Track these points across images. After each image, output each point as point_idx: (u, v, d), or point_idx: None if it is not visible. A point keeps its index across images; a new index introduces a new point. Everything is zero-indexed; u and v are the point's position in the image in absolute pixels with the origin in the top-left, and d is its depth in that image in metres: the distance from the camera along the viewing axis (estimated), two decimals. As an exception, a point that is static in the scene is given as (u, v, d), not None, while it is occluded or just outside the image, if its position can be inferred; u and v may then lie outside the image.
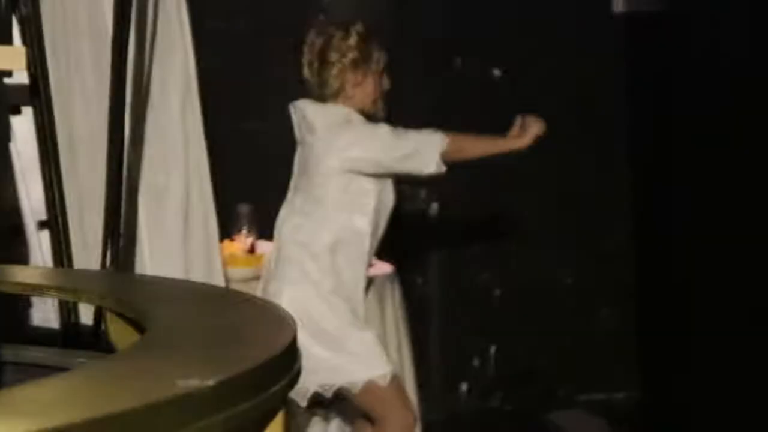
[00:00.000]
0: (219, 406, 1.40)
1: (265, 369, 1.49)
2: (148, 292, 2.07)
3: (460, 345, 6.03)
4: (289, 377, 1.58)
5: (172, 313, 1.83)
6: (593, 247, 6.12)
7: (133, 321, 1.92)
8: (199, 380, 1.39)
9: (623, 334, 6.09)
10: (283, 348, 1.57)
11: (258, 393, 1.47)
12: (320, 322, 3.65)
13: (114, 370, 1.51)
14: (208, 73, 5.84)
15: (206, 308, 1.90)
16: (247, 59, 5.56)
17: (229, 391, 1.42)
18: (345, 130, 3.66)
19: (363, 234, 3.72)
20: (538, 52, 6.00)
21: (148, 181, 3.30)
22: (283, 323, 1.74)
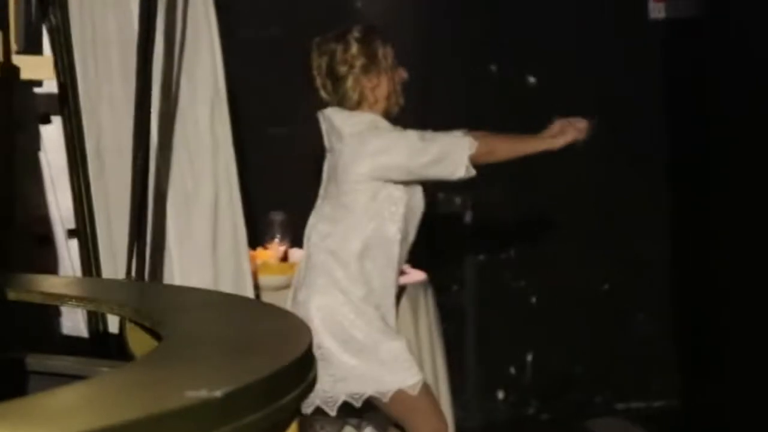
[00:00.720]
0: (227, 417, 1.39)
1: (275, 380, 1.48)
2: (166, 301, 2.07)
3: (496, 353, 5.99)
4: (301, 388, 1.57)
5: (188, 323, 1.83)
6: (630, 253, 6.07)
7: (151, 330, 1.92)
8: (207, 391, 1.38)
9: (661, 341, 6.04)
10: (295, 359, 1.56)
11: (268, 404, 1.46)
12: (350, 330, 3.63)
13: (125, 380, 1.51)
14: (240, 81, 5.88)
15: (223, 318, 1.89)
16: (279, 66, 5.57)
17: (238, 401, 1.41)
18: (373, 137, 3.64)
19: (392, 241, 3.70)
20: (575, 58, 5.97)
21: (177, 189, 3.30)
22: (299, 333, 1.73)
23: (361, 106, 3.75)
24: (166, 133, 3.27)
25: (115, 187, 3.07)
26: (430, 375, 4.50)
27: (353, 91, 3.73)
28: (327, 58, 3.76)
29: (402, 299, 4.46)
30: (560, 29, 5.98)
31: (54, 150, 3.16)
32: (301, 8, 5.71)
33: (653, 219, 6.05)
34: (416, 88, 5.94)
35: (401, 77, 3.85)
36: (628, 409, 5.98)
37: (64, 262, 3.18)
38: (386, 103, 3.79)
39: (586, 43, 5.98)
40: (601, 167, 6.00)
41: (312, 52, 3.80)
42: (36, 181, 3.17)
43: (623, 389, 6.03)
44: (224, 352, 1.64)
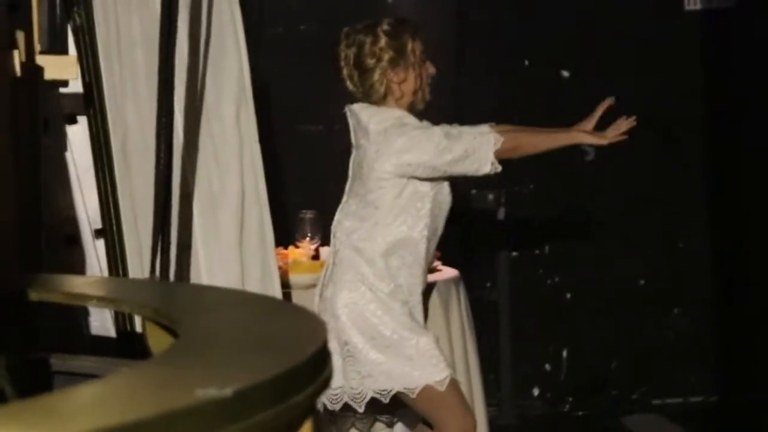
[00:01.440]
0: (237, 416, 1.38)
1: (286, 378, 1.47)
2: (186, 301, 2.06)
3: (531, 349, 5.96)
4: (314, 386, 1.55)
5: (204, 322, 1.82)
6: (666, 247, 6.02)
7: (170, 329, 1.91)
8: (217, 389, 1.37)
9: (698, 336, 5.98)
10: (307, 357, 1.54)
11: (279, 402, 1.45)
12: (377, 327, 3.62)
13: (137, 379, 1.50)
14: (273, 78, 5.88)
15: (240, 317, 1.89)
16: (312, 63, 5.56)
17: (248, 400, 1.40)
18: (399, 134, 3.61)
19: (419, 238, 3.68)
20: (609, 51, 5.92)
21: (203, 188, 3.30)
22: (314, 331, 1.71)
23: (387, 100, 3.72)
24: (192, 132, 3.27)
25: (141, 187, 3.07)
26: (462, 372, 4.48)
27: (380, 85, 3.71)
28: (355, 49, 3.74)
29: (433, 296, 4.45)
30: (594, 22, 5.94)
31: (80, 150, 3.16)
32: (333, 4, 5.70)
33: (690, 213, 5.99)
34: (448, 83, 5.94)
35: (429, 72, 3.82)
36: (664, 405, 5.93)
37: (91, 262, 3.18)
38: (413, 98, 3.76)
39: (621, 35, 5.93)
40: (637, 161, 5.95)
41: (340, 42, 3.78)
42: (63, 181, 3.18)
43: (660, 385, 5.98)
44: (237, 351, 1.63)
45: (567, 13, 5.94)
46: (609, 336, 5.95)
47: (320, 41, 5.55)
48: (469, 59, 5.94)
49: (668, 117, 5.98)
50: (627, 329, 5.96)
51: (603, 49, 5.92)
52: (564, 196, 5.92)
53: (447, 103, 5.89)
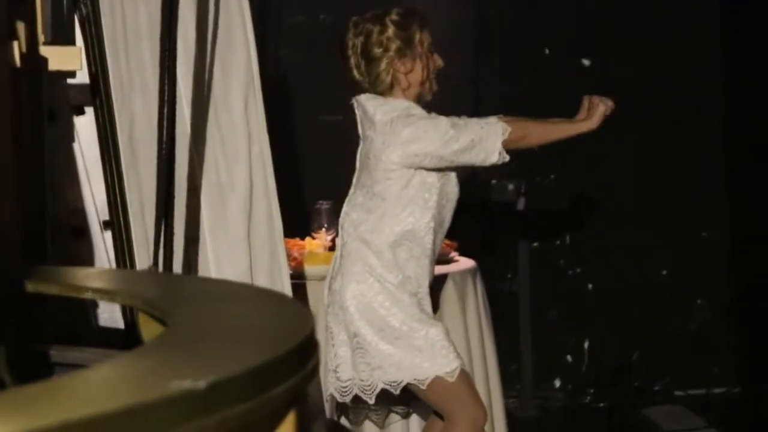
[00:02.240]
0: (211, 408, 1.36)
1: (264, 370, 1.45)
2: (179, 292, 2.05)
3: (552, 340, 5.94)
4: (296, 378, 1.53)
5: (193, 314, 1.80)
6: (688, 238, 5.98)
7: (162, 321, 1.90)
8: (191, 381, 1.35)
9: (720, 327, 5.94)
10: (289, 349, 1.52)
11: (257, 395, 1.43)
12: (386, 318, 3.60)
13: (114, 371, 1.49)
14: (292, 68, 5.88)
15: (231, 309, 1.87)
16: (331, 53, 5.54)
17: (223, 392, 1.38)
18: (405, 125, 3.59)
19: (426, 229, 3.65)
20: (629, 39, 5.88)
21: (211, 180, 3.29)
22: (299, 323, 1.69)
23: (393, 90, 3.70)
24: (199, 123, 3.26)
25: (148, 178, 3.06)
26: (479, 363, 4.46)
27: (386, 74, 3.69)
28: (363, 37, 3.72)
29: (449, 287, 4.43)
30: (614, 10, 5.90)
31: (88, 141, 3.15)
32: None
33: (712, 204, 5.95)
34: (468, 73, 5.92)
35: (437, 65, 3.80)
36: (687, 396, 5.90)
37: (100, 254, 3.17)
38: (420, 88, 3.74)
39: (641, 23, 5.89)
40: (659, 151, 5.91)
41: (348, 31, 3.76)
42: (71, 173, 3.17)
43: (682, 376, 5.95)
44: (221, 343, 1.61)
45: (587, 1, 5.90)
46: (631, 327, 5.91)
47: (339, 31, 5.52)
48: (489, 49, 5.91)
49: (690, 106, 5.94)
50: (649, 320, 5.93)
51: (623, 37, 5.88)
52: (585, 187, 5.88)
53: (467, 93, 5.88)
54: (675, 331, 5.96)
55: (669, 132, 5.90)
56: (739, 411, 5.74)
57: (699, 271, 5.94)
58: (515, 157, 5.75)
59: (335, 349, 3.70)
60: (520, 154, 5.71)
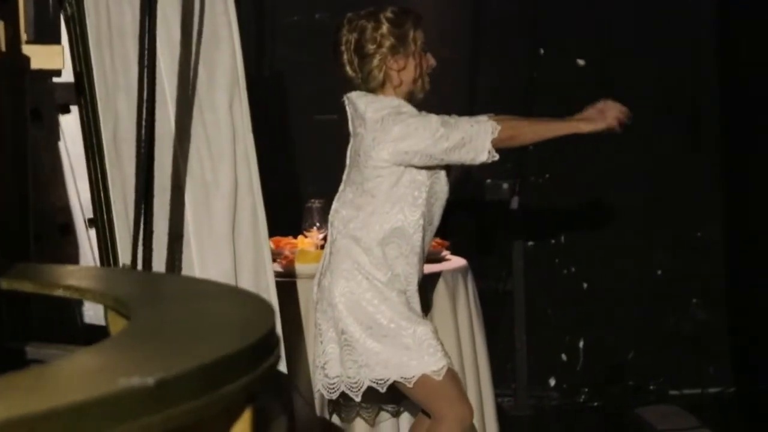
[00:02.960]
0: (160, 405, 1.38)
1: (215, 367, 1.46)
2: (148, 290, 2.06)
3: (547, 339, 5.95)
4: (252, 376, 1.55)
5: (157, 311, 1.82)
6: (684, 238, 5.98)
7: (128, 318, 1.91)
8: (140, 378, 1.37)
9: (715, 327, 5.95)
10: (242, 347, 1.53)
11: (208, 392, 1.44)
12: (374, 316, 3.61)
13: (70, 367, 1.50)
14: (288, 67, 5.89)
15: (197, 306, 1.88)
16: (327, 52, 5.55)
17: (173, 389, 1.39)
18: (395, 122, 3.61)
19: (415, 226, 3.67)
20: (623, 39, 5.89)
21: (195, 178, 3.30)
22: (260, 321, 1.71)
23: (385, 88, 3.72)
24: (184, 121, 3.27)
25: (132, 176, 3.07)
26: (470, 361, 4.47)
27: (378, 71, 3.71)
28: (356, 34, 3.74)
29: (440, 285, 4.44)
30: (610, 10, 5.90)
31: (73, 139, 3.17)
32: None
33: (707, 204, 5.95)
34: (464, 71, 5.93)
35: (430, 64, 3.81)
36: (681, 396, 5.91)
37: (85, 251, 3.20)
38: (412, 86, 3.75)
39: (637, 23, 5.89)
40: (654, 151, 5.92)
41: (342, 27, 3.78)
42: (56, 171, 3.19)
43: (677, 376, 5.95)
44: (178, 340, 1.63)
45: (582, 1, 5.90)
46: (626, 326, 5.92)
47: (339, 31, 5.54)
48: (485, 48, 5.92)
49: (685, 106, 5.94)
50: (644, 319, 5.93)
51: (619, 37, 5.88)
52: (579, 186, 5.89)
53: (462, 92, 5.89)
54: (670, 331, 5.96)
55: (664, 132, 5.91)
56: (733, 411, 5.74)
57: (694, 271, 5.94)
58: (510, 157, 5.81)
59: (323, 346, 3.72)
60: (515, 154, 5.77)
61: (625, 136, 4.89)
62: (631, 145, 5.75)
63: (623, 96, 3.80)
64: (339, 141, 5.58)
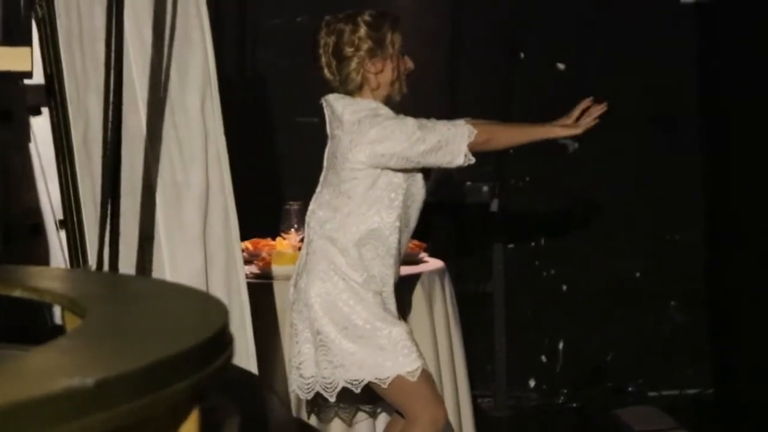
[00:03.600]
0: (100, 406, 1.38)
1: (157, 368, 1.47)
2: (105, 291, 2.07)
3: (527, 341, 5.97)
4: (198, 376, 1.55)
5: (110, 312, 1.83)
6: (662, 241, 6.01)
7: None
8: (80, 378, 1.38)
9: (693, 329, 5.97)
10: (190, 346, 1.54)
11: (151, 392, 1.45)
12: (349, 316, 3.63)
13: (13, 367, 1.51)
14: (270, 70, 5.90)
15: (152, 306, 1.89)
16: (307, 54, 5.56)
17: (113, 390, 1.40)
18: (372, 125, 3.63)
19: (391, 228, 3.69)
20: (604, 44, 5.90)
21: (166, 179, 3.31)
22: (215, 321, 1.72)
23: (363, 90, 3.74)
24: (155, 123, 3.28)
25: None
26: (446, 363, 4.49)
27: (356, 74, 3.73)
28: (335, 37, 3.76)
29: (417, 287, 4.46)
30: (590, 14, 5.92)
31: (44, 142, 3.18)
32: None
33: (686, 206, 5.97)
34: (444, 75, 5.95)
35: (407, 67, 3.84)
36: (660, 397, 5.93)
37: (55, 252, 3.21)
38: (389, 89, 3.78)
39: (617, 28, 5.91)
40: (633, 154, 5.94)
41: (320, 30, 3.80)
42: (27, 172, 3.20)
43: (655, 378, 5.98)
44: (125, 340, 1.63)
45: (562, 5, 5.92)
46: (605, 328, 5.94)
47: (312, 30, 5.55)
48: (465, 52, 5.94)
49: (663, 109, 5.97)
50: (623, 321, 5.96)
51: (599, 41, 5.91)
52: (559, 189, 5.91)
53: (443, 96, 5.90)
54: (649, 333, 5.99)
55: (643, 135, 5.93)
56: (711, 412, 5.76)
57: (673, 273, 5.97)
58: (490, 160, 5.83)
59: (299, 346, 3.74)
60: (495, 157, 5.78)
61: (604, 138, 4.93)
62: (610, 148, 5.78)
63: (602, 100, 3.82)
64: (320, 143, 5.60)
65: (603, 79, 5.76)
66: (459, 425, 4.50)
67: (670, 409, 5.63)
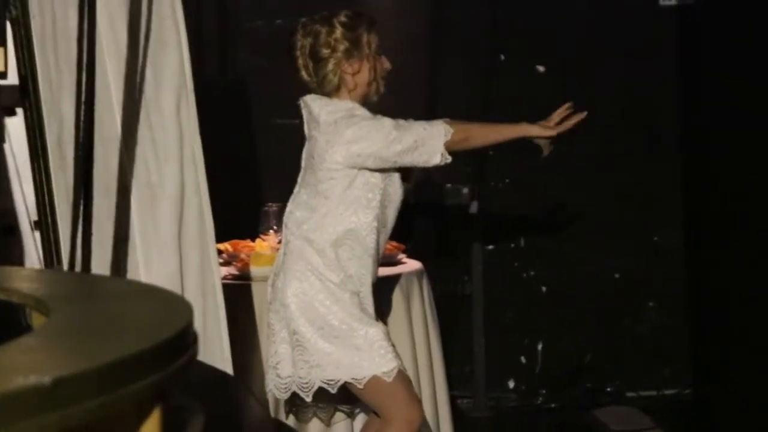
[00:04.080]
0: (58, 404, 1.40)
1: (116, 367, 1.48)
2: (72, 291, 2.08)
3: (506, 342, 5.99)
4: (159, 375, 1.57)
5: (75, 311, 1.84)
6: (641, 241, 6.03)
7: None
8: (37, 377, 1.39)
9: (672, 330, 6.00)
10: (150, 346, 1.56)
11: (110, 391, 1.46)
12: (326, 317, 3.64)
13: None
14: (249, 72, 5.91)
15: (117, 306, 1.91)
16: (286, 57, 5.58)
17: (71, 388, 1.41)
18: (348, 125, 3.64)
19: (369, 228, 3.70)
20: (584, 46, 5.92)
21: (141, 180, 3.32)
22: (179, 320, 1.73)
23: (340, 91, 3.76)
24: (130, 124, 3.29)
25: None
26: (424, 364, 4.50)
27: (333, 75, 3.74)
28: (311, 39, 3.77)
29: (395, 288, 4.47)
30: (570, 17, 5.94)
31: (19, 142, 3.19)
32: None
33: (665, 208, 6.00)
34: (424, 77, 5.96)
35: (384, 67, 3.85)
36: (638, 398, 5.96)
37: (30, 253, 3.21)
38: (366, 89, 3.79)
39: (597, 30, 5.94)
40: (612, 156, 5.96)
41: (297, 32, 3.81)
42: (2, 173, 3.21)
43: (634, 378, 6.00)
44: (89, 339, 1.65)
45: (543, 7, 5.94)
46: (584, 329, 5.96)
47: (289, 32, 5.56)
48: (445, 54, 5.96)
49: (643, 111, 5.99)
50: (602, 322, 5.98)
51: (579, 44, 5.93)
52: (538, 191, 5.93)
53: (423, 98, 5.92)
54: (627, 334, 6.01)
55: (622, 137, 5.96)
56: (688, 412, 5.79)
57: (651, 274, 6.00)
58: (470, 161, 5.85)
59: (276, 346, 3.75)
60: (475, 158, 5.80)
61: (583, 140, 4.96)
62: (590, 150, 5.80)
63: (582, 102, 3.84)
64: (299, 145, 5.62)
65: (583, 82, 5.78)
66: (437, 426, 4.51)
67: (648, 410, 5.65)
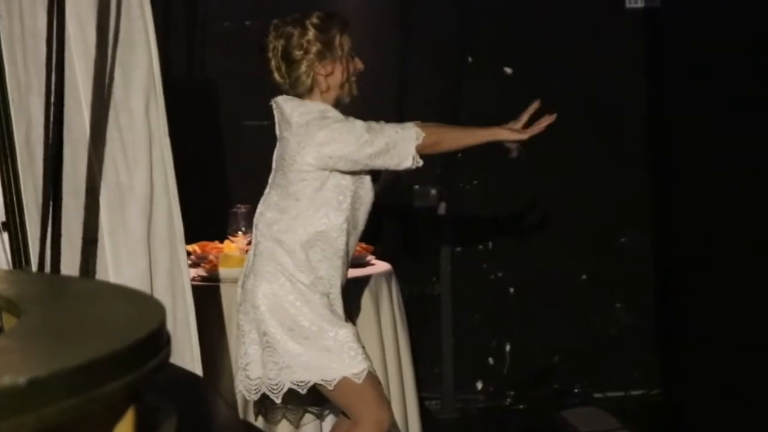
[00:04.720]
0: (32, 405, 1.39)
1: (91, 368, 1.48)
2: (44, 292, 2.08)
3: (474, 343, 6.00)
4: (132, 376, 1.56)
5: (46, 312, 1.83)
6: (609, 243, 6.06)
7: (22, 320, 1.92)
8: (10, 378, 1.38)
9: (639, 331, 6.03)
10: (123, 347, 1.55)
11: (84, 391, 1.46)
12: (296, 318, 3.64)
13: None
14: (218, 73, 5.90)
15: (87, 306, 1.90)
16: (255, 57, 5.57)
17: (46, 389, 1.41)
18: (320, 127, 3.64)
19: (339, 230, 3.70)
20: (551, 49, 5.95)
21: (110, 181, 3.31)
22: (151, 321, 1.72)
23: (313, 93, 3.75)
24: (98, 125, 3.28)
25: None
26: (393, 365, 4.51)
27: (306, 77, 3.74)
28: (283, 41, 3.77)
29: (364, 290, 4.47)
30: (537, 19, 5.97)
31: (-13, 143, 3.17)
32: (278, 1, 5.72)
33: (633, 209, 6.03)
34: (392, 79, 5.97)
35: (357, 68, 3.85)
36: (606, 398, 5.98)
37: (-1, 254, 3.19)
38: (339, 91, 3.79)
39: (563, 33, 5.96)
40: (580, 157, 5.99)
41: (269, 34, 3.81)
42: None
43: (601, 379, 6.03)
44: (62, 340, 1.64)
45: (510, 10, 5.96)
46: (551, 330, 5.99)
47: (261, 33, 5.56)
48: (413, 56, 5.97)
49: (609, 113, 6.02)
50: (569, 323, 6.00)
51: (546, 46, 5.95)
52: (507, 192, 5.95)
53: (390, 99, 5.93)
54: (595, 335, 6.04)
55: (590, 138, 5.98)
56: (655, 413, 5.82)
57: (619, 275, 6.02)
58: (438, 163, 5.86)
59: (245, 347, 3.74)
60: (443, 160, 5.81)
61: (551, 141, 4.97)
62: (557, 151, 5.82)
63: (549, 103, 3.85)
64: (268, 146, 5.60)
65: (550, 83, 5.80)
66: (406, 427, 4.52)
67: (616, 410, 5.68)
